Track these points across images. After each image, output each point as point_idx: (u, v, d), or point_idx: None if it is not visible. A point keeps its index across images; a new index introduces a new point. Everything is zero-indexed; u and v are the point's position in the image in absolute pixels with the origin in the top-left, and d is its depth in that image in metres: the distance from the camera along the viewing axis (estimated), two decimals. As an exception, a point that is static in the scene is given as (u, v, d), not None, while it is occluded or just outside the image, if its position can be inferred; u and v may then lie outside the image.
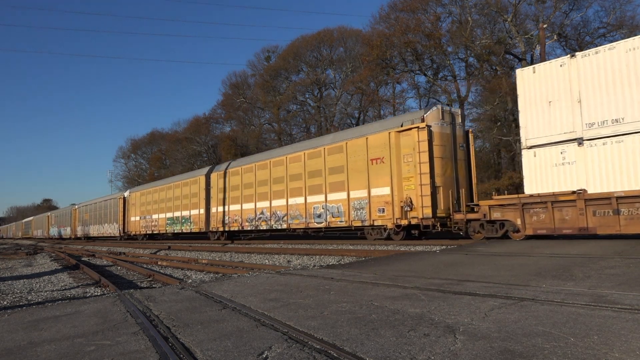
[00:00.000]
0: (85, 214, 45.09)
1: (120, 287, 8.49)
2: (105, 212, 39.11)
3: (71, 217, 49.62)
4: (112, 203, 37.87)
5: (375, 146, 14.85)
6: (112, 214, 37.64)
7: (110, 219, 37.94)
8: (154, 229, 30.79)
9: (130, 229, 34.38)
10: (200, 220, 25.00)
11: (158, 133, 66.95)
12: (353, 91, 39.86)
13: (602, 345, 2.47)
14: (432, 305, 3.69)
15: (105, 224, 38.81)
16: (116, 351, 2.90)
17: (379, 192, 14.59)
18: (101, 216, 40.02)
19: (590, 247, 7.92)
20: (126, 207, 35.29)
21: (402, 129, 14.10)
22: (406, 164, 13.85)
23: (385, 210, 14.29)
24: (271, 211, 19.36)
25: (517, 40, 31.22)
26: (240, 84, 50.99)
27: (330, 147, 16.74)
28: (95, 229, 41.63)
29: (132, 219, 34.42)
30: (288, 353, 2.63)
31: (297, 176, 17.95)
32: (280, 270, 7.40)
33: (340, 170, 16.03)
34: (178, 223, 27.52)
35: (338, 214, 16.02)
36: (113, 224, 37.12)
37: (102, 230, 39.55)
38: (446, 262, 6.89)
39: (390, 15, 36.19)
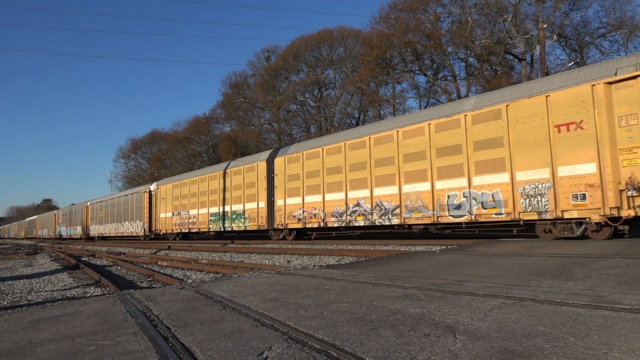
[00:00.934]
0: (99, 211, 40.36)
1: (120, 287, 8.49)
2: (125, 208, 34.27)
3: (83, 215, 44.84)
4: (135, 198, 32.86)
5: (564, 106, 10.70)
6: (134, 211, 32.75)
7: (131, 216, 33.18)
8: (191, 226, 25.88)
9: (159, 227, 29.26)
10: (260, 216, 20.31)
11: (158, 133, 67.03)
12: (353, 91, 39.87)
13: (602, 345, 2.47)
14: (432, 305, 3.69)
15: (126, 222, 34.05)
16: (116, 351, 2.90)
17: (575, 171, 10.50)
18: (120, 213, 35.36)
19: (590, 247, 7.92)
20: (153, 202, 30.16)
21: (616, 78, 9.95)
22: (625, 129, 9.84)
23: (587, 197, 10.27)
24: (373, 202, 15.08)
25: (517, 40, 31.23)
26: (240, 84, 51.02)
27: (477, 113, 12.42)
28: (112, 228, 37.12)
29: (161, 215, 29.23)
30: (288, 353, 2.63)
31: (417, 155, 13.82)
32: (280, 270, 7.40)
33: (496, 143, 11.92)
34: (227, 219, 22.83)
35: (493, 204, 11.92)
36: (135, 222, 32.41)
37: (122, 229, 34.85)
38: (446, 262, 6.89)
39: (390, 15, 36.23)
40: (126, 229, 33.91)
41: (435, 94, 37.35)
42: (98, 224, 40.58)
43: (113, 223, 36.90)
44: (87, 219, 43.57)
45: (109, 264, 14.85)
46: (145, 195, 31.06)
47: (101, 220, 39.66)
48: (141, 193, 31.90)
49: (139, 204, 31.93)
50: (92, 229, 41.90)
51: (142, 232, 31.10)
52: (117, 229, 35.84)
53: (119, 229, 35.40)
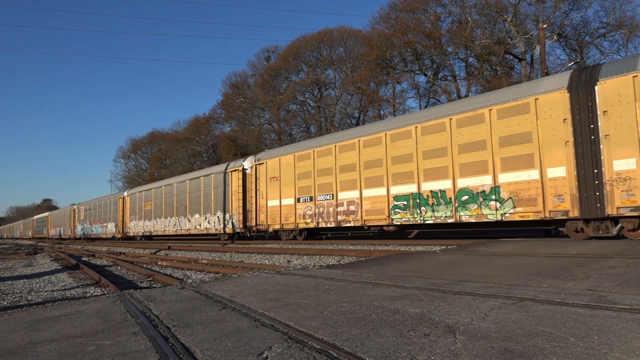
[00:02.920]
0: (145, 202, 30.88)
1: (120, 287, 8.49)
2: (194, 196, 24.73)
3: (117, 209, 35.19)
4: (213, 181, 22.88)
5: None
6: (210, 199, 23.02)
7: (205, 206, 23.49)
8: (343, 218, 16.21)
9: (263, 221, 19.33)
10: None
11: (158, 133, 67.05)
12: (353, 91, 39.88)
13: (602, 345, 2.47)
14: (432, 305, 3.69)
15: (195, 216, 24.41)
16: (116, 351, 2.90)
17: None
18: (182, 204, 25.87)
19: (590, 247, 7.92)
20: (248, 184, 20.56)
21: None
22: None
23: None
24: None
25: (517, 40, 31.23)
26: (240, 84, 51.03)
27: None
28: (167, 224, 27.42)
29: (270, 203, 19.11)
30: (288, 353, 2.63)
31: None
32: (280, 270, 7.40)
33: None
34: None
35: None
36: (212, 215, 22.75)
37: (186, 225, 25.14)
38: (446, 262, 6.89)
39: (390, 15, 36.25)
40: (193, 225, 24.55)
41: (435, 94, 37.38)
42: (141, 220, 31.19)
43: (169, 217, 27.37)
44: (124, 213, 34.38)
45: (109, 264, 14.84)
46: (235, 175, 21.21)
47: (148, 214, 30.31)
48: (225, 173, 21.95)
49: (220, 188, 22.22)
50: (132, 225, 32.56)
51: (226, 229, 21.65)
52: (176, 226, 26.33)
53: (181, 225, 25.79)
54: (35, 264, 16.44)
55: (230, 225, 21.50)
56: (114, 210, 35.96)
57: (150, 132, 69.10)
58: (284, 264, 10.81)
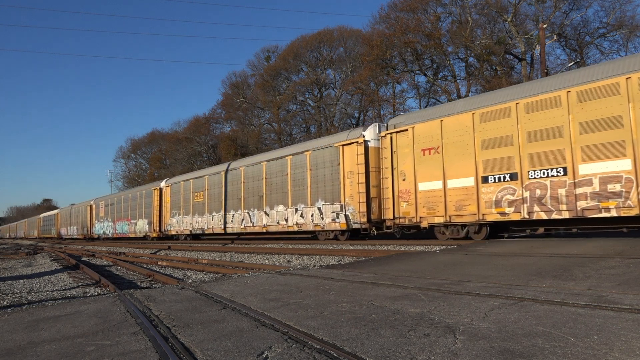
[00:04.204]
0: (195, 193, 24.88)
1: (120, 287, 8.49)
2: (272, 183, 19.07)
3: (151, 202, 29.08)
4: (310, 160, 17.24)
5: None
6: (306, 183, 17.32)
7: (296, 194, 17.76)
8: None
9: (417, 213, 13.58)
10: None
11: (158, 133, 67.06)
12: (353, 91, 39.89)
13: (602, 345, 2.47)
14: (432, 305, 3.69)
15: (276, 208, 18.68)
16: (116, 351, 2.90)
17: None
18: (256, 192, 19.92)
19: (590, 247, 7.92)
20: (370, 164, 15.29)
21: None
22: None
23: None
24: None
25: (517, 40, 31.24)
26: (240, 84, 51.03)
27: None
28: (233, 220, 21.41)
29: (420, 186, 13.65)
30: (288, 353, 2.63)
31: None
32: (280, 270, 7.40)
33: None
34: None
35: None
36: (311, 207, 17.00)
37: (265, 220, 19.27)
38: (446, 262, 6.89)
39: (390, 15, 36.25)
40: (274, 219, 18.86)
41: (435, 94, 37.39)
42: (188, 215, 25.49)
43: (233, 211, 21.61)
44: (161, 207, 28.48)
45: (109, 264, 14.85)
46: (349, 151, 15.51)
47: (198, 208, 24.65)
48: (332, 149, 16.26)
49: (323, 170, 16.60)
50: (175, 222, 26.71)
51: (336, 223, 16.05)
52: (245, 221, 20.61)
53: (253, 221, 20.05)
54: (35, 264, 16.44)
55: (342, 219, 15.78)
56: (147, 204, 29.60)
57: (150, 132, 69.20)
58: (284, 264, 10.81)
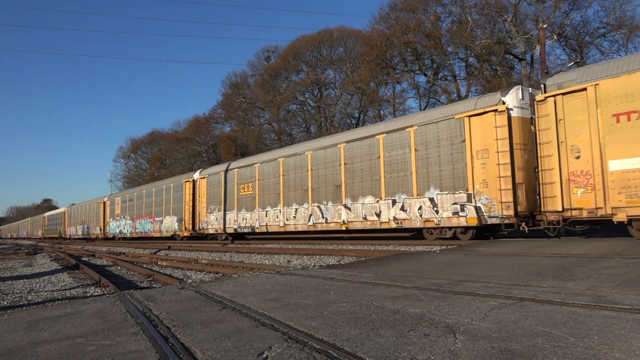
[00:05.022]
0: (241, 185, 21.06)
1: (120, 287, 8.49)
2: (366, 166, 15.11)
3: (181, 197, 25.63)
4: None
5: None
6: (405, 166, 13.87)
7: (402, 183, 13.94)
8: None
9: None
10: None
11: (158, 133, 67.10)
12: (353, 91, 39.89)
13: (602, 345, 2.47)
14: (432, 305, 3.69)
15: (365, 199, 15.00)
16: (116, 351, 2.90)
17: None
18: (332, 180, 16.27)
19: (590, 247, 7.92)
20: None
21: None
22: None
23: None
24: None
25: (517, 40, 31.24)
26: (240, 84, 51.05)
27: None
28: (297, 216, 17.68)
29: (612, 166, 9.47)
30: (288, 353, 2.63)
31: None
32: (280, 270, 7.40)
33: None
34: None
35: None
36: (419, 197, 13.37)
37: (345, 215, 15.60)
38: (446, 262, 6.89)
39: (390, 15, 36.26)
40: (359, 214, 15.09)
41: (435, 94, 37.41)
42: (232, 210, 21.49)
43: (296, 205, 17.70)
44: (194, 202, 24.64)
45: (109, 264, 14.85)
46: (488, 121, 11.92)
47: (246, 202, 20.64)
48: (457, 120, 12.56)
49: (441, 150, 12.90)
50: (212, 219, 23.06)
51: (461, 219, 12.26)
52: (315, 217, 16.76)
53: (327, 216, 16.31)
54: (35, 264, 16.44)
55: (469, 212, 12.02)
56: (176, 199, 26.14)
57: (150, 132, 69.25)
58: (284, 264, 10.81)
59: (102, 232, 38.12)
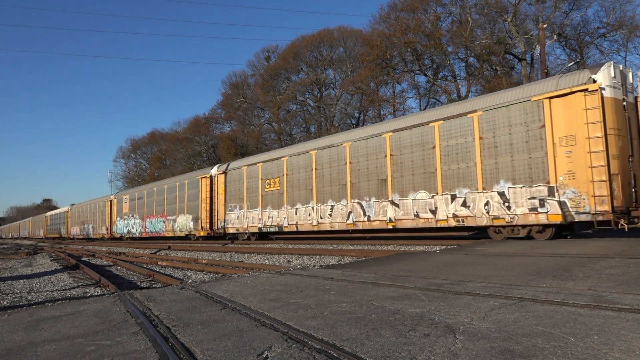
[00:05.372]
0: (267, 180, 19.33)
1: (120, 287, 8.49)
2: (404, 160, 13.77)
3: (197, 194, 24.10)
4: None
5: None
6: None
7: (455, 174, 12.45)
8: None
9: None
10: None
11: (158, 133, 67.13)
12: (353, 91, 39.89)
13: (602, 345, 2.47)
14: (432, 305, 3.69)
15: (419, 193, 13.23)
16: (116, 351, 2.90)
17: None
18: (376, 174, 14.64)
19: (590, 247, 7.92)
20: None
21: None
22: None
23: None
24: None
25: (517, 40, 31.24)
26: (240, 84, 51.06)
27: None
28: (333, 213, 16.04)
29: None
30: (288, 353, 2.63)
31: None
32: (280, 270, 7.40)
33: None
34: None
35: None
36: None
37: (395, 212, 13.81)
38: (446, 262, 6.89)
39: (390, 15, 36.27)
40: (409, 211, 13.51)
41: (435, 94, 37.42)
42: (256, 208, 19.86)
43: (335, 202, 15.95)
44: (212, 200, 23.06)
45: (109, 264, 14.84)
46: (575, 103, 10.44)
47: (272, 199, 18.92)
48: (534, 103, 11.06)
49: (513, 136, 11.41)
50: (233, 218, 21.38)
51: (541, 215, 10.80)
52: (354, 215, 15.12)
53: (369, 213, 14.68)
54: (35, 264, 16.44)
55: (551, 207, 10.66)
56: (191, 197, 24.71)
57: (150, 132, 69.29)
58: (284, 264, 10.81)
59: (108, 231, 36.62)
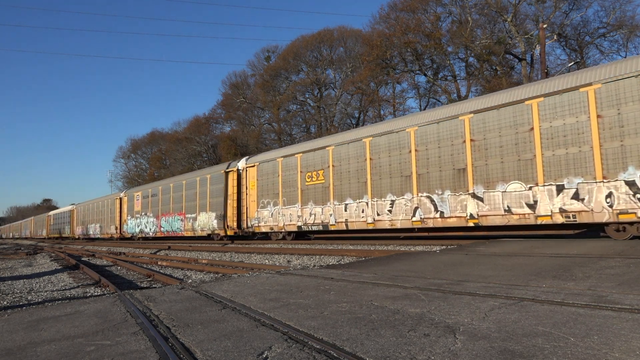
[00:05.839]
0: (307, 174, 17.16)
1: (120, 287, 8.49)
2: (489, 144, 11.70)
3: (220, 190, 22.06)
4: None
5: None
6: None
7: (561, 161, 10.46)
8: None
9: None
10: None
11: (158, 133, 67.13)
12: (353, 91, 39.89)
13: (603, 345, 2.47)
14: (432, 305, 3.69)
15: (512, 184, 11.15)
16: (116, 351, 2.90)
17: None
18: (433, 163, 12.93)
19: (590, 247, 7.92)
20: None
21: None
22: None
23: None
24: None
25: (517, 40, 31.24)
26: (240, 84, 51.06)
27: None
28: (394, 209, 13.83)
29: None
30: (288, 353, 2.63)
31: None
32: (280, 270, 7.39)
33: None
34: None
35: None
36: None
37: (477, 208, 11.69)
38: (446, 262, 6.89)
39: (390, 15, 36.27)
40: (497, 205, 11.47)
41: (435, 94, 37.42)
42: (293, 204, 17.66)
43: (395, 197, 13.99)
44: (240, 196, 20.80)
45: (108, 264, 14.84)
46: None
47: (312, 195, 16.84)
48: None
49: None
50: (265, 215, 19.09)
51: None
52: (425, 209, 13.05)
53: (448, 208, 12.48)
54: (35, 264, 16.44)
55: None
56: (214, 193, 22.53)
57: (150, 132, 69.31)
58: (284, 264, 10.81)
59: (117, 231, 34.31)
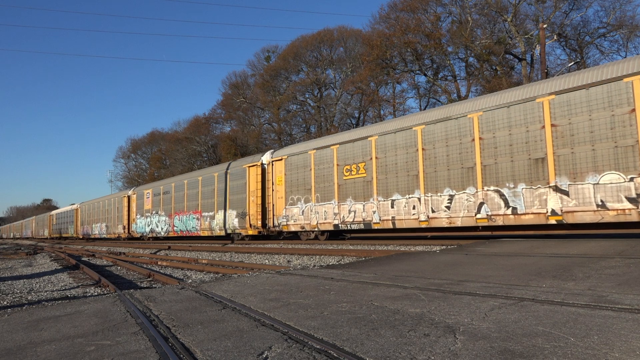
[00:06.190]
0: (345, 167, 15.46)
1: (120, 287, 8.49)
2: (574, 129, 10.06)
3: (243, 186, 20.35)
4: None
5: None
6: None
7: None
8: None
9: None
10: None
11: (158, 133, 67.15)
12: (353, 91, 39.90)
13: (603, 345, 2.47)
14: (432, 305, 3.69)
15: (608, 175, 9.51)
16: (116, 351, 2.89)
17: None
18: (503, 153, 11.22)
19: (590, 247, 7.92)
20: None
21: None
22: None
23: None
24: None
25: (517, 40, 31.24)
26: (240, 84, 51.08)
27: None
28: (453, 206, 12.28)
29: None
30: (288, 353, 2.63)
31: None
32: (280, 270, 7.39)
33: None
34: None
35: None
36: None
37: (561, 202, 10.09)
38: (446, 262, 6.88)
39: (390, 15, 36.28)
40: (590, 199, 9.81)
41: (435, 94, 37.42)
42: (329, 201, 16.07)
43: (454, 192, 12.33)
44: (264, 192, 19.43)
45: (108, 264, 14.84)
46: None
47: (351, 190, 15.35)
48: None
49: None
50: (295, 213, 17.48)
51: None
52: (493, 204, 11.44)
53: (524, 204, 10.87)
54: (35, 264, 16.44)
55: None
56: (235, 189, 20.89)
57: (150, 132, 69.34)
58: (284, 264, 10.81)
59: (125, 230, 32.58)
